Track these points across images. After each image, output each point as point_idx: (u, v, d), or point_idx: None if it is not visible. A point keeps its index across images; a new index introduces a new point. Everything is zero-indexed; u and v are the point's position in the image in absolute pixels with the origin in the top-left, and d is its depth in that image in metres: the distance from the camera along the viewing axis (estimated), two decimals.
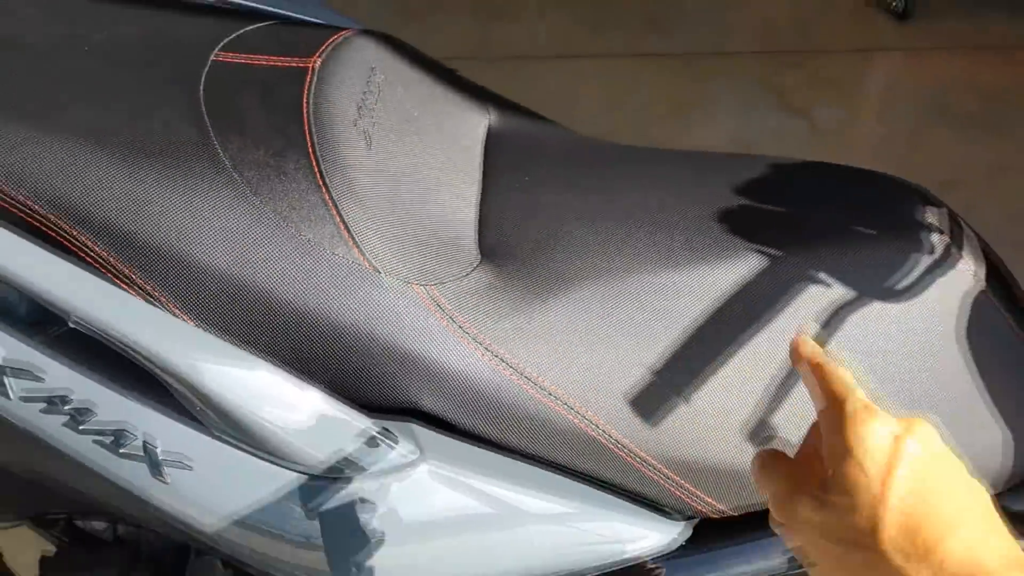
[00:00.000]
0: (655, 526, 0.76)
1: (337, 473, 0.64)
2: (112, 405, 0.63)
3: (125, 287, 0.62)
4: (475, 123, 0.84)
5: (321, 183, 0.65)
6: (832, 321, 0.74)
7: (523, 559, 0.74)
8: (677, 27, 2.95)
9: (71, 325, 0.63)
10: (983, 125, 2.51)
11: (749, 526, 0.78)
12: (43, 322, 0.64)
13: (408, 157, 0.73)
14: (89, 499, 0.71)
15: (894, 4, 2.98)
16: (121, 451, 0.63)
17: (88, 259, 0.62)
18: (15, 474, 0.91)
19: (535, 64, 2.76)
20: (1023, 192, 2.22)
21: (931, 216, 0.79)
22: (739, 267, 0.74)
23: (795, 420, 0.73)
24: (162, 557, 1.05)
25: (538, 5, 3.05)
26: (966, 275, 0.78)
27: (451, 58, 1.08)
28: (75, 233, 0.62)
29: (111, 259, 0.62)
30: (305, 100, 0.69)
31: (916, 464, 0.47)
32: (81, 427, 0.62)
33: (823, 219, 0.79)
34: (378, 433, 0.65)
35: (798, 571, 0.81)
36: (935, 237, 0.77)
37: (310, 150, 0.66)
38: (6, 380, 0.62)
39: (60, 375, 0.62)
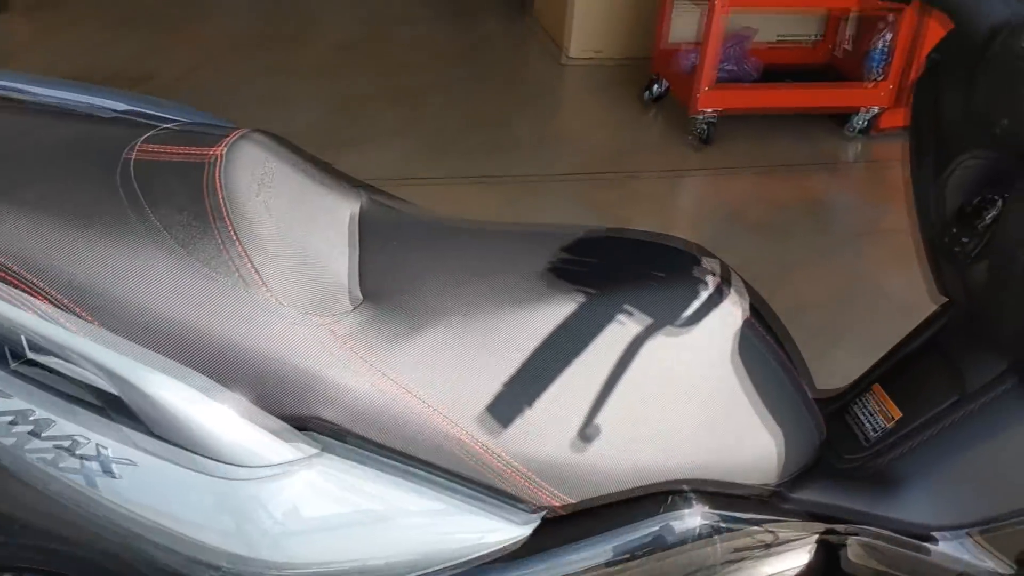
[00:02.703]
0: (511, 516, 0.94)
1: (252, 463, 0.80)
2: (68, 417, 0.76)
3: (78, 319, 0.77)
4: (349, 202, 1.04)
5: (236, 238, 0.83)
6: (632, 346, 0.96)
7: (401, 549, 0.90)
8: (514, 155, 3.28)
9: (29, 357, 0.78)
10: (772, 231, 2.92)
11: (588, 516, 0.97)
12: (7, 355, 0.77)
13: (299, 223, 0.91)
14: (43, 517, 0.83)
15: (698, 131, 3.43)
16: (78, 453, 0.76)
17: (47, 300, 0.77)
18: None
19: (385, 187, 2.99)
20: (806, 284, 2.60)
21: (706, 264, 1.04)
22: (561, 308, 0.95)
23: (613, 422, 0.94)
24: None
25: (384, 136, 3.32)
26: (735, 307, 1.02)
27: None
28: (35, 280, 0.77)
29: (64, 300, 0.77)
30: (218, 177, 0.87)
31: None
32: (43, 435, 0.76)
33: (623, 270, 1.03)
34: (286, 434, 0.82)
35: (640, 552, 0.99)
36: (709, 279, 1.02)
37: (225, 214, 0.84)
38: None
39: (23, 395, 0.76)
